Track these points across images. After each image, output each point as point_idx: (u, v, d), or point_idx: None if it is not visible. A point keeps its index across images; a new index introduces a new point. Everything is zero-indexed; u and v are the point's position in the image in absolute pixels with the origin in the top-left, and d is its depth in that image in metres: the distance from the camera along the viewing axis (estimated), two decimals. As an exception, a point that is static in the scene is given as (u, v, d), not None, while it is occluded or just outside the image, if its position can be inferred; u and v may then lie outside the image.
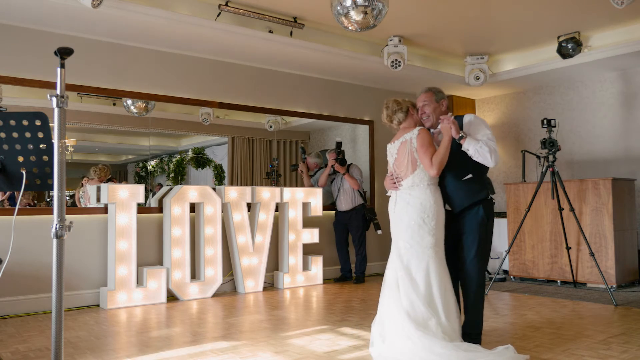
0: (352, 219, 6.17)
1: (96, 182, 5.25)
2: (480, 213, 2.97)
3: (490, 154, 2.89)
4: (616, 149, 6.59)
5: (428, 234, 2.93)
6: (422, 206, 2.94)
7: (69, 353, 3.24)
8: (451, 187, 3.03)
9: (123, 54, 5.23)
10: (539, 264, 5.92)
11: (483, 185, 3.01)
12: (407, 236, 2.97)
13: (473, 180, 3.00)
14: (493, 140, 2.94)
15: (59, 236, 2.01)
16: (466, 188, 2.99)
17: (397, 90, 7.40)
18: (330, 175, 6.30)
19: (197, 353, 3.22)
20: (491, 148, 2.90)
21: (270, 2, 4.99)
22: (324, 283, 6.10)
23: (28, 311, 4.51)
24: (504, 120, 7.79)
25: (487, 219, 2.97)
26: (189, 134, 6.17)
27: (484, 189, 2.99)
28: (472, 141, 2.92)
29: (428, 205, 2.94)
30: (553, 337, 3.52)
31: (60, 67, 2.04)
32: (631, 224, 5.73)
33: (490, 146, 2.90)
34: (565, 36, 5.85)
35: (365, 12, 4.07)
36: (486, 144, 2.89)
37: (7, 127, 2.12)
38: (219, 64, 5.85)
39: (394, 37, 5.93)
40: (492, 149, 2.90)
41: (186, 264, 5.11)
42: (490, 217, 3.02)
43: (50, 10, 4.35)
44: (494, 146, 2.92)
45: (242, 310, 4.59)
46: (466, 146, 2.94)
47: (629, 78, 6.51)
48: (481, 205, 2.98)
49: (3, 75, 4.56)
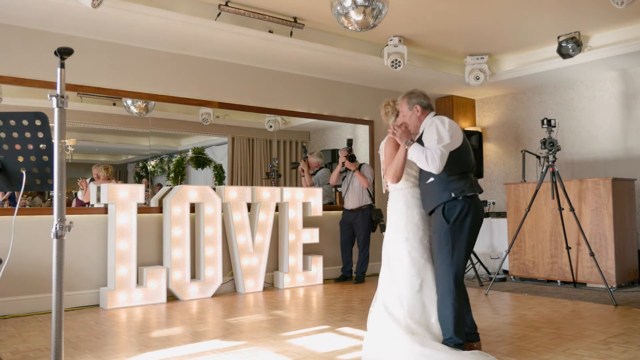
0: (358, 218, 6.15)
1: (104, 181, 5.25)
2: (439, 214, 2.95)
3: (427, 160, 2.83)
4: (616, 149, 6.59)
5: (400, 234, 3.06)
6: (394, 208, 3.13)
7: (69, 353, 3.24)
8: (421, 192, 3.08)
9: (123, 54, 5.23)
10: (539, 264, 5.92)
11: (447, 187, 2.93)
12: (388, 233, 3.15)
13: (435, 183, 2.97)
14: (440, 144, 2.84)
15: (59, 236, 2.01)
16: (430, 192, 3.00)
17: (397, 90, 7.39)
18: (341, 173, 6.27)
19: (197, 353, 3.22)
20: (428, 155, 2.83)
21: (270, 2, 4.99)
22: (324, 283, 6.09)
23: (28, 311, 4.51)
24: (504, 120, 7.79)
25: (447, 220, 2.90)
26: (189, 134, 6.18)
27: (446, 191, 2.93)
28: (416, 149, 2.91)
29: (399, 206, 3.10)
30: (553, 337, 3.52)
31: (60, 67, 2.04)
32: (631, 224, 5.73)
33: (428, 154, 2.83)
34: (565, 36, 5.85)
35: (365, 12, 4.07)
36: (424, 152, 2.84)
37: (7, 127, 2.12)
38: (219, 64, 5.85)
39: (394, 37, 5.93)
40: (429, 156, 2.83)
41: (186, 264, 5.11)
42: (451, 218, 2.91)
43: (50, 10, 4.35)
44: (433, 153, 2.82)
45: (242, 310, 4.59)
46: (410, 154, 2.94)
47: (629, 78, 6.51)
48: (443, 206, 2.93)
49: (3, 75, 4.56)
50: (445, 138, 2.87)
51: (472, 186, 2.98)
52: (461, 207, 2.92)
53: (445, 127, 2.91)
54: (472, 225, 2.95)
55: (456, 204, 2.92)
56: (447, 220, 2.91)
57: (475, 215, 2.95)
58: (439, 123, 2.93)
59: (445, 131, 2.89)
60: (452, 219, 2.91)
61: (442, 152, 2.84)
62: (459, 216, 2.91)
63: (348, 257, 6.27)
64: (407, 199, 3.09)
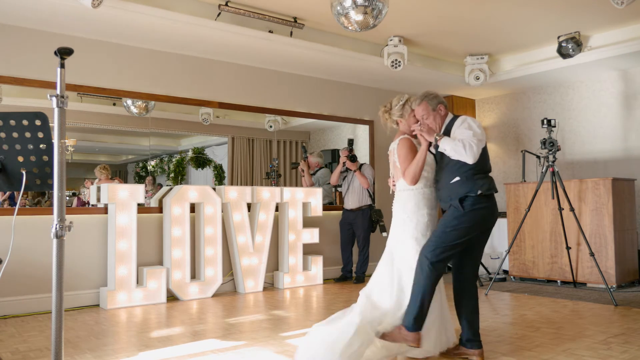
0: (358, 218, 6.15)
1: (104, 181, 5.28)
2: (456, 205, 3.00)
3: (465, 148, 2.87)
4: (616, 149, 6.59)
5: (408, 234, 3.08)
6: (404, 208, 3.13)
7: (69, 353, 3.24)
8: (443, 191, 3.09)
9: (123, 54, 5.23)
10: (539, 264, 5.92)
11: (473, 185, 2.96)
12: (395, 232, 3.17)
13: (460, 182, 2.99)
14: (475, 137, 2.89)
15: (59, 236, 2.01)
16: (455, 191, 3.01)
17: (397, 90, 7.39)
18: (342, 173, 6.27)
19: (197, 353, 3.22)
20: (465, 143, 2.87)
21: (270, 2, 4.98)
22: (324, 283, 6.10)
23: (28, 311, 4.51)
24: (504, 120, 7.79)
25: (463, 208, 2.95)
26: (189, 134, 6.18)
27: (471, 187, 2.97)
28: (449, 140, 2.95)
29: (410, 206, 3.11)
30: (553, 337, 3.52)
31: (60, 67, 2.04)
32: (631, 224, 5.73)
33: (465, 142, 2.87)
34: (565, 36, 5.85)
35: (365, 12, 4.07)
36: (461, 141, 2.89)
37: (7, 127, 2.12)
38: (219, 64, 5.85)
39: (394, 37, 5.93)
40: (467, 144, 2.87)
41: (186, 264, 5.11)
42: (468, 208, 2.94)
43: (50, 10, 4.35)
44: (470, 142, 2.87)
45: (242, 310, 4.59)
46: (442, 146, 2.97)
47: (629, 78, 6.51)
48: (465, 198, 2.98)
49: (3, 75, 4.56)
50: (479, 133, 2.95)
51: (493, 187, 3.05)
52: (481, 202, 2.96)
53: (477, 124, 3.00)
54: (484, 222, 2.99)
55: (479, 199, 2.96)
56: (463, 208, 2.94)
57: (491, 214, 3.01)
58: (471, 121, 3.01)
59: (477, 127, 2.97)
60: (469, 209, 2.94)
61: (479, 142, 2.90)
62: (475, 209, 2.94)
63: (348, 257, 6.27)
64: (418, 200, 3.11)
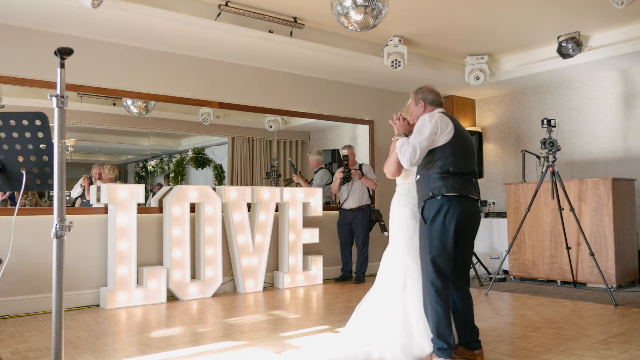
0: (358, 218, 6.14)
1: (106, 180, 5.27)
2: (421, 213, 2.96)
3: (400, 152, 2.88)
4: (616, 149, 6.59)
5: (394, 231, 3.19)
6: (392, 205, 3.25)
7: (69, 353, 3.24)
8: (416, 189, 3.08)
9: (123, 54, 5.23)
10: (539, 264, 5.92)
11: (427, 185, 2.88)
12: (390, 228, 3.28)
13: (420, 180, 2.97)
14: (415, 139, 2.83)
15: (59, 236, 2.01)
16: (419, 189, 3.00)
17: (397, 90, 7.40)
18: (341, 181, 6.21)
19: (197, 353, 3.22)
20: (402, 149, 2.85)
21: (270, 2, 4.98)
22: (324, 283, 6.09)
23: (28, 311, 4.51)
24: (504, 120, 7.79)
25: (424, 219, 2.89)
26: (189, 134, 6.17)
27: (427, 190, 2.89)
28: (399, 142, 2.94)
29: (394, 203, 3.23)
30: (553, 337, 3.52)
31: (60, 67, 2.04)
32: (631, 224, 5.73)
33: (404, 147, 2.85)
34: (565, 36, 5.85)
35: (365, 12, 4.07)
36: (403, 145, 2.88)
37: (7, 127, 2.12)
38: (219, 64, 5.85)
39: (394, 37, 5.93)
40: (403, 150, 2.84)
41: (186, 264, 5.11)
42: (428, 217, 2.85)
43: (50, 10, 4.35)
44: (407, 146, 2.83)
45: (242, 310, 4.59)
46: (396, 146, 2.99)
47: (629, 78, 6.51)
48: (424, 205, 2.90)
49: (3, 75, 4.56)
50: (423, 133, 2.83)
51: (453, 187, 2.82)
52: (439, 206, 2.81)
53: (430, 123, 2.84)
54: (450, 226, 2.80)
55: (434, 202, 2.83)
56: (424, 219, 2.87)
57: (455, 215, 2.79)
58: (427, 119, 2.88)
59: (427, 127, 2.84)
60: (430, 218, 2.84)
61: (414, 146, 2.82)
62: (436, 216, 2.82)
63: (348, 258, 6.27)
64: (402, 197, 3.17)
